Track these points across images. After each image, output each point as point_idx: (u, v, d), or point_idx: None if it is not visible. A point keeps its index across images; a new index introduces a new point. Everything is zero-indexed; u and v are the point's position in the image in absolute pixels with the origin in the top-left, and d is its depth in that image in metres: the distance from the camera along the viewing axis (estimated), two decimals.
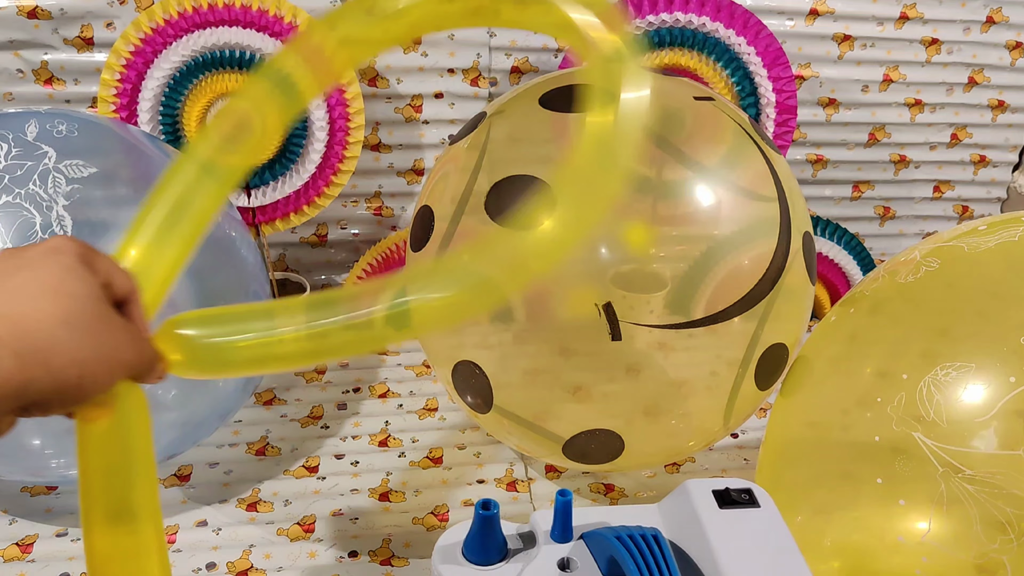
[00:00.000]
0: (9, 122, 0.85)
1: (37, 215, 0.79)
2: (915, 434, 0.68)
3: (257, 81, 0.52)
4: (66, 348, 0.35)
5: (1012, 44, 1.46)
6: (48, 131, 0.85)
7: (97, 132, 0.90)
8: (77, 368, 0.35)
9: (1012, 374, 0.67)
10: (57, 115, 0.88)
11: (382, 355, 1.34)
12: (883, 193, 1.58)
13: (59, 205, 0.80)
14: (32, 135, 0.84)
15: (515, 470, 1.08)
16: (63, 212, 0.80)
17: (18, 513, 0.99)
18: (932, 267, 0.78)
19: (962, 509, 0.65)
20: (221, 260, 0.93)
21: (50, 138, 0.84)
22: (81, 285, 0.36)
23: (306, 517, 0.99)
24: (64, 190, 0.80)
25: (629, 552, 0.54)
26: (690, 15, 1.21)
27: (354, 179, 1.34)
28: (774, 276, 0.81)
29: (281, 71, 0.52)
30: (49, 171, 0.81)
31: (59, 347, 0.34)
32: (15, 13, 1.13)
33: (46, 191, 0.80)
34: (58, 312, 0.35)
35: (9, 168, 0.81)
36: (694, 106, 0.86)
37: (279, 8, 1.13)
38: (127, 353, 0.38)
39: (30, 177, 0.80)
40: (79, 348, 0.35)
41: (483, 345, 0.85)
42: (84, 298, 0.36)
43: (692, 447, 0.93)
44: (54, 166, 0.82)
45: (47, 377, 0.34)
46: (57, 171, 0.81)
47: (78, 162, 0.83)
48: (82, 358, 0.35)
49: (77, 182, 0.82)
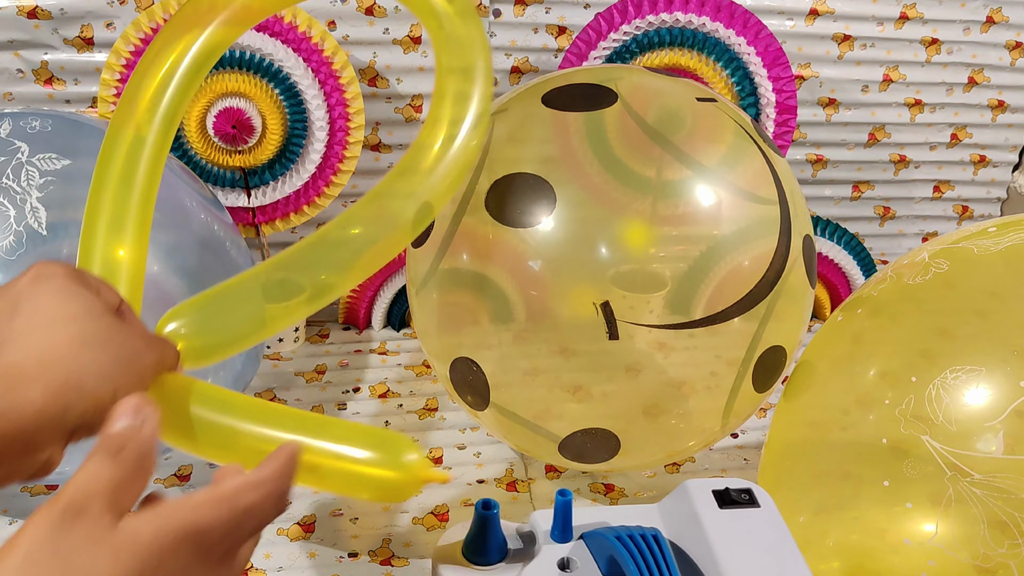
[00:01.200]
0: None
1: (11, 208, 0.80)
2: (923, 437, 0.68)
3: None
4: (93, 367, 0.35)
5: (1012, 44, 1.46)
6: (21, 127, 0.85)
7: (71, 127, 0.90)
8: (110, 383, 0.35)
9: (1022, 378, 0.66)
10: (31, 113, 0.88)
11: (382, 355, 1.34)
12: (883, 193, 1.58)
13: (33, 197, 0.80)
14: (5, 132, 0.84)
15: (515, 470, 1.08)
16: (36, 204, 0.80)
17: (18, 513, 0.99)
18: (941, 269, 0.78)
19: (969, 512, 0.65)
20: (211, 262, 0.94)
21: (23, 134, 0.84)
22: (82, 304, 0.36)
23: (306, 517, 0.99)
24: (38, 182, 0.81)
25: (629, 552, 0.53)
26: (690, 15, 1.21)
27: (354, 179, 1.34)
28: (773, 278, 0.81)
29: None
30: (22, 165, 0.81)
31: (86, 368, 0.34)
32: (15, 13, 1.13)
33: (19, 184, 0.80)
34: (74, 336, 0.35)
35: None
36: (696, 106, 0.86)
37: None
38: (148, 355, 0.39)
39: (3, 171, 0.80)
40: (105, 363, 0.35)
41: (483, 345, 0.85)
42: (90, 316, 0.36)
43: (692, 447, 0.93)
44: (27, 160, 0.82)
45: (83, 400, 0.34)
46: (30, 164, 0.81)
47: (51, 155, 0.83)
48: (111, 372, 0.35)
49: (51, 174, 0.82)
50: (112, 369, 0.36)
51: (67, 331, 0.35)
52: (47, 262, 0.38)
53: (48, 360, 0.34)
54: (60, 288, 0.36)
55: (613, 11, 1.22)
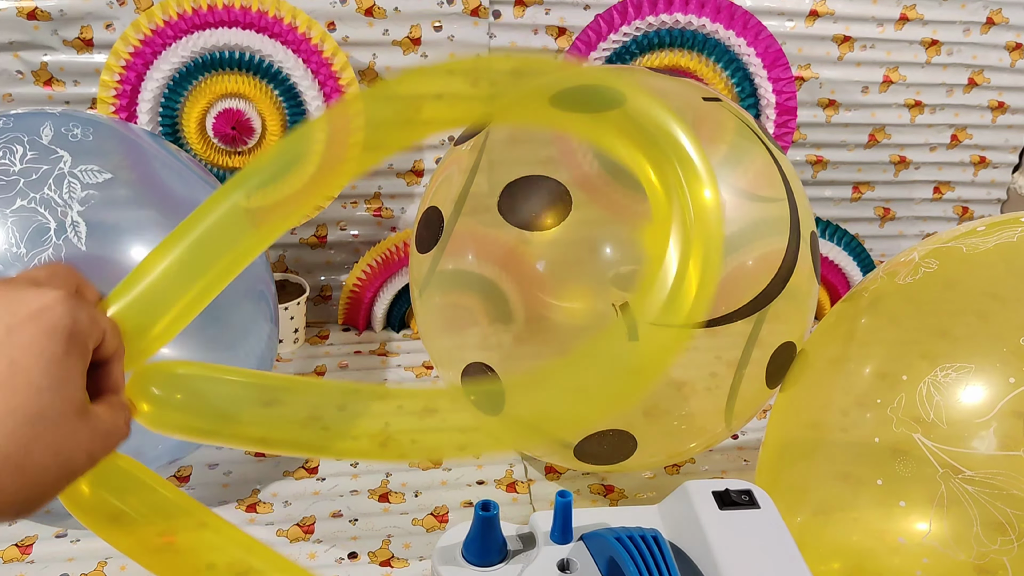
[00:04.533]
0: (24, 123, 0.84)
1: (52, 220, 0.79)
2: (915, 435, 0.68)
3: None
4: (44, 447, 0.33)
5: (1012, 45, 1.46)
6: (63, 134, 0.84)
7: (110, 136, 0.90)
8: (55, 470, 0.34)
9: (1012, 375, 0.66)
10: (72, 118, 0.87)
11: (381, 356, 1.34)
12: (883, 194, 1.58)
13: (73, 211, 0.79)
14: (47, 138, 0.83)
15: (515, 471, 1.08)
16: (77, 218, 0.79)
17: None
18: (931, 268, 0.78)
19: (962, 510, 0.65)
20: None
21: (65, 141, 0.83)
22: (60, 378, 0.34)
23: (306, 518, 0.99)
24: (79, 195, 0.80)
25: (629, 553, 0.53)
26: (690, 16, 1.21)
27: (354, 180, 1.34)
28: (785, 276, 0.81)
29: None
30: (64, 175, 0.80)
31: (37, 447, 0.33)
32: (15, 14, 1.13)
33: (61, 196, 0.79)
34: (31, 409, 0.33)
35: (24, 171, 0.80)
36: (700, 107, 0.86)
37: (279, 9, 1.13)
38: (98, 449, 0.37)
39: (45, 181, 0.80)
40: (53, 449, 0.34)
41: (485, 346, 0.85)
42: (59, 396, 0.34)
43: (694, 448, 0.93)
44: (69, 171, 0.81)
45: (20, 481, 0.33)
46: (72, 176, 0.81)
47: (93, 167, 0.82)
48: (51, 463, 0.34)
49: (92, 187, 0.81)
50: (52, 460, 0.34)
51: (28, 399, 0.33)
52: (56, 296, 0.35)
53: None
54: (43, 351, 0.34)
55: (613, 12, 1.22)
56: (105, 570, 0.91)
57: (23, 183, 0.79)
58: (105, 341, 0.38)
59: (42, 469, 0.33)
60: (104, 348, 0.38)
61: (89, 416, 0.36)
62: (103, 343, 0.38)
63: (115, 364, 0.40)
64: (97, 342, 0.37)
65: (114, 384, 0.40)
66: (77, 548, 0.93)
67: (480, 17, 1.26)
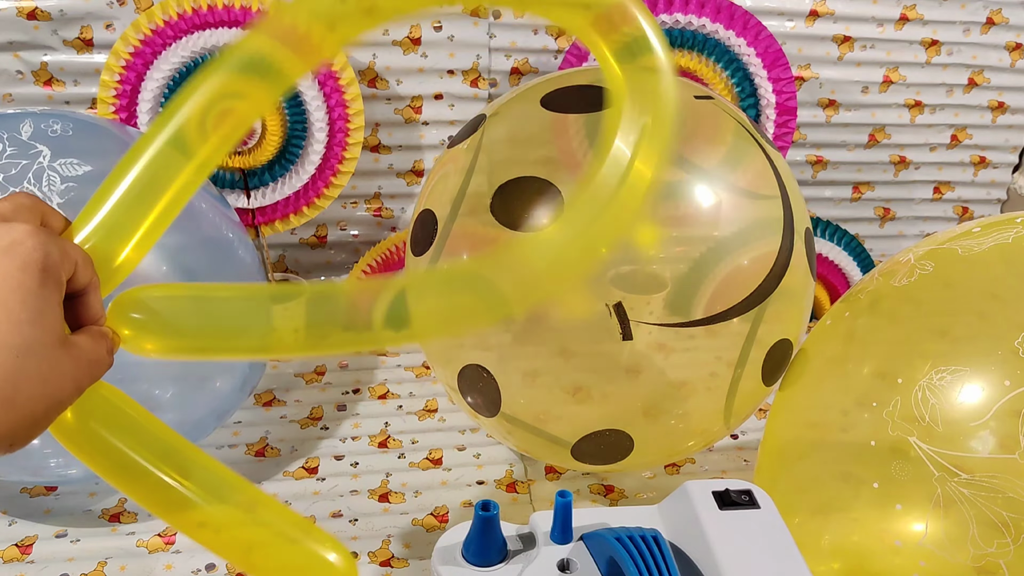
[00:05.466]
0: (4, 122, 0.85)
1: None
2: (911, 438, 0.68)
3: (231, 68, 0.49)
4: (31, 379, 0.34)
5: (1012, 45, 1.46)
6: (43, 130, 0.85)
7: (92, 131, 0.90)
8: (43, 401, 0.34)
9: (1007, 377, 0.66)
10: (52, 115, 0.88)
11: (381, 356, 1.34)
12: (883, 194, 1.58)
13: (54, 203, 0.80)
14: (27, 135, 0.84)
15: (515, 471, 1.08)
16: (58, 209, 0.80)
17: (17, 514, 0.99)
18: (926, 270, 0.78)
19: (959, 512, 0.65)
20: (219, 261, 0.93)
21: (44, 137, 0.84)
22: (39, 310, 0.35)
23: (305, 519, 0.99)
24: (59, 188, 0.81)
25: (629, 553, 0.53)
26: (690, 16, 1.21)
27: (353, 180, 1.34)
28: (780, 273, 0.81)
29: (256, 55, 0.49)
30: (44, 170, 0.81)
31: (23, 379, 0.33)
32: (15, 14, 1.13)
33: (40, 189, 0.80)
34: (14, 342, 0.33)
35: (3, 167, 0.81)
36: (694, 105, 0.86)
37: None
38: (83, 378, 0.38)
39: (24, 176, 0.80)
40: (40, 380, 0.34)
41: (483, 347, 0.85)
42: (40, 328, 0.35)
43: (692, 447, 0.93)
44: (48, 165, 0.82)
45: (10, 414, 0.33)
46: (52, 170, 0.81)
47: (73, 160, 0.83)
48: (43, 392, 0.34)
49: (72, 180, 0.82)
50: (40, 392, 0.34)
51: (10, 334, 0.33)
52: (26, 230, 0.36)
53: None
54: (19, 285, 0.34)
55: None
56: (105, 570, 0.91)
57: (2, 178, 0.80)
58: (78, 271, 0.38)
59: (31, 401, 0.34)
60: (77, 279, 0.38)
61: (71, 346, 0.37)
62: (76, 273, 0.38)
63: (92, 294, 0.40)
64: (70, 273, 0.38)
65: (93, 315, 0.40)
66: (77, 548, 0.93)
67: (480, 17, 1.26)
